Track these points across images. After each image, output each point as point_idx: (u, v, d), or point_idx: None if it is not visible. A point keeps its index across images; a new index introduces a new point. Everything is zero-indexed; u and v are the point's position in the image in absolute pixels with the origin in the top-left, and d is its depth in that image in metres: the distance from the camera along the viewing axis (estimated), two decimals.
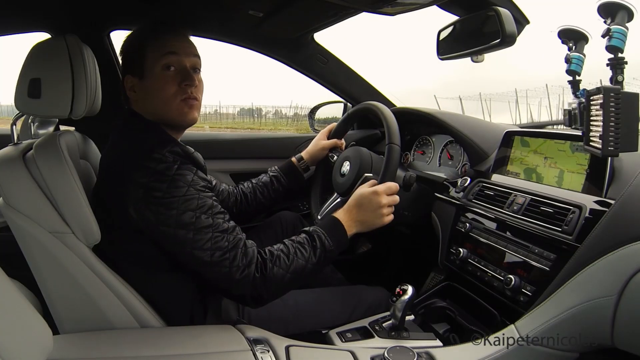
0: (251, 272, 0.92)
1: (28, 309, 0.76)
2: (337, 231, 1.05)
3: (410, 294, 0.99)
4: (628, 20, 0.87)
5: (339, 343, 1.00)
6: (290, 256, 0.97)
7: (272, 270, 0.94)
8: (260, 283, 0.93)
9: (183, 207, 0.91)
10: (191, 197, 0.92)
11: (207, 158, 1.78)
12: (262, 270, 0.94)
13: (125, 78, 1.02)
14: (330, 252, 1.02)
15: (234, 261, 0.92)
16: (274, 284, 0.95)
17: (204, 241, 0.91)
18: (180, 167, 0.93)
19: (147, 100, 1.01)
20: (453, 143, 1.54)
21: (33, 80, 0.95)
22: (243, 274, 0.92)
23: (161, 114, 1.01)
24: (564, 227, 0.92)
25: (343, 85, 1.87)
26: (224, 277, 0.92)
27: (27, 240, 0.93)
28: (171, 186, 0.91)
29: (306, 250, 0.99)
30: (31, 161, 0.94)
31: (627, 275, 0.75)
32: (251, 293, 0.94)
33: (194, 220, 0.91)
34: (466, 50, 1.20)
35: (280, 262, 0.96)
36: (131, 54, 1.02)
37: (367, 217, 1.09)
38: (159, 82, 0.99)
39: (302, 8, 1.36)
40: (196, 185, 0.93)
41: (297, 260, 0.97)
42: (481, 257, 1.11)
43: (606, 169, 0.94)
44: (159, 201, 0.90)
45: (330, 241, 1.02)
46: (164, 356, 0.84)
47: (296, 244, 1.00)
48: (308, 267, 0.99)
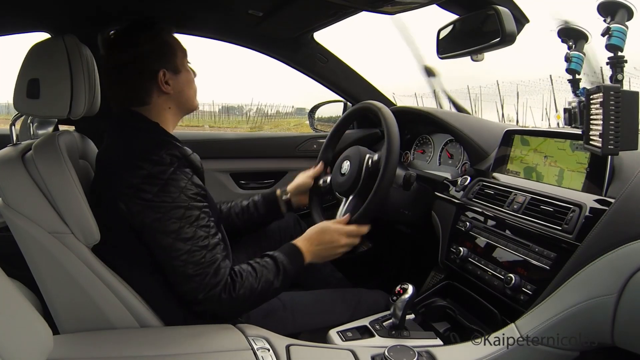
0: (217, 292, 0.94)
1: (28, 309, 0.76)
2: (298, 259, 1.08)
3: (410, 293, 0.99)
4: (628, 19, 0.87)
5: (340, 342, 1.00)
6: (257, 279, 0.99)
7: (238, 291, 0.96)
8: (226, 303, 0.95)
9: (169, 214, 0.92)
10: (180, 205, 0.93)
11: (207, 157, 1.79)
12: (230, 291, 0.95)
13: (161, 72, 1.04)
14: (290, 278, 1.05)
15: (204, 279, 0.93)
16: (239, 304, 0.97)
17: (182, 252, 0.92)
18: (176, 172, 0.94)
19: (183, 92, 1.09)
20: (453, 142, 1.54)
21: (31, 80, 0.94)
22: (209, 294, 0.94)
23: (190, 103, 1.12)
24: (564, 225, 0.92)
25: (343, 84, 1.87)
26: (191, 291, 0.94)
27: (26, 240, 0.93)
28: (162, 190, 0.92)
29: (271, 275, 1.02)
30: (30, 162, 0.94)
31: (627, 273, 0.75)
32: (212, 310, 0.97)
33: (177, 229, 0.92)
34: (466, 49, 1.20)
35: (248, 284, 0.98)
36: (164, 50, 1.05)
37: (322, 252, 1.13)
38: (190, 75, 1.11)
39: (302, 7, 1.36)
40: (188, 192, 0.95)
41: (262, 283, 1.00)
42: (481, 256, 1.11)
43: (606, 168, 0.94)
44: (146, 203, 0.92)
45: (291, 268, 1.05)
46: (165, 355, 0.84)
47: (262, 267, 1.02)
48: (270, 290, 1.01)
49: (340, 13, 1.38)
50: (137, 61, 1.02)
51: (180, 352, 0.84)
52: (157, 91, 1.04)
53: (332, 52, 1.79)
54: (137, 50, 1.02)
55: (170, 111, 1.08)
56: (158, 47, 1.04)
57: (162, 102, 1.06)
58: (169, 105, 1.07)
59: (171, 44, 1.07)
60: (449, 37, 1.27)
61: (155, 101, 1.05)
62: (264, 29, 1.58)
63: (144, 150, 0.95)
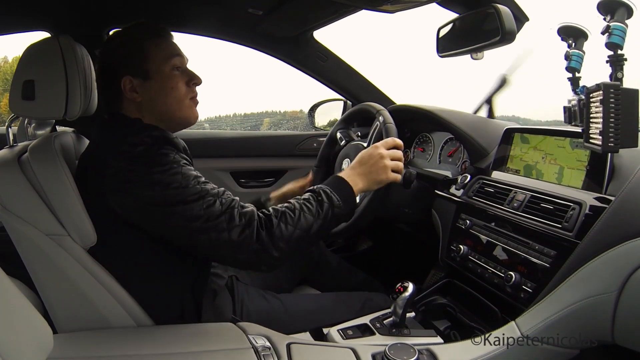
0: (253, 230, 0.87)
1: (28, 308, 0.76)
2: (343, 187, 1.00)
3: (410, 291, 0.99)
4: (627, 17, 0.87)
5: (340, 340, 1.00)
6: (296, 212, 0.92)
7: (278, 226, 0.89)
8: (267, 240, 0.88)
9: (167, 181, 0.87)
10: (174, 172, 0.89)
11: (207, 156, 1.80)
12: (267, 226, 0.89)
13: (125, 79, 0.99)
14: (338, 207, 0.97)
15: (231, 222, 0.87)
16: (282, 240, 0.89)
17: (196, 209, 0.87)
18: (159, 149, 0.91)
19: (156, 100, 1.01)
20: (453, 140, 1.54)
21: (27, 82, 0.94)
22: (244, 235, 0.87)
23: (171, 113, 1.02)
24: (564, 223, 0.93)
25: (343, 83, 1.87)
26: (224, 242, 0.87)
27: (23, 242, 0.93)
28: (153, 165, 0.88)
29: (313, 206, 0.94)
30: (26, 164, 0.94)
31: (627, 271, 0.75)
32: (257, 254, 0.88)
33: (180, 191, 0.87)
34: (466, 47, 1.20)
35: (287, 218, 0.91)
36: (131, 55, 1.00)
37: (371, 170, 1.05)
38: (171, 82, 1.00)
39: (302, 6, 1.36)
40: (178, 161, 0.91)
41: (304, 215, 0.92)
42: (481, 254, 1.11)
43: (606, 166, 0.94)
44: (138, 183, 0.88)
45: (337, 197, 0.97)
46: (165, 354, 0.84)
47: (302, 201, 0.95)
48: (317, 223, 0.93)
49: (341, 11, 1.38)
50: (104, 70, 1.01)
51: (181, 351, 0.84)
52: (125, 100, 1.00)
53: (331, 51, 1.79)
54: (104, 60, 1.02)
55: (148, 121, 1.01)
56: (125, 53, 1.00)
57: (133, 110, 1.01)
58: (142, 115, 1.01)
59: (144, 48, 0.99)
60: (448, 35, 1.27)
61: (127, 108, 1.01)
62: (263, 27, 1.58)
63: (124, 135, 0.92)
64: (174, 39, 1.06)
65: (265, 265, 0.91)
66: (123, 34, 1.03)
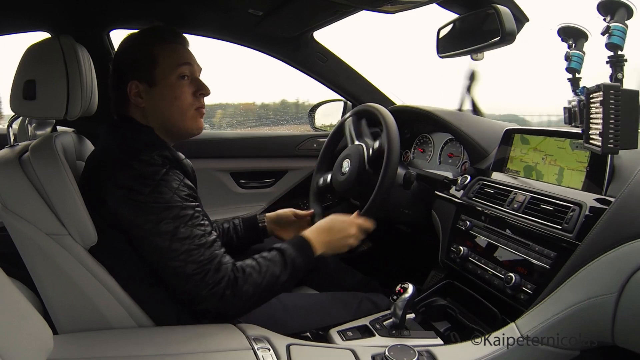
0: (220, 289, 0.91)
1: (28, 308, 0.76)
2: (307, 251, 1.05)
3: (410, 293, 0.99)
4: (627, 18, 0.87)
5: (340, 342, 1.00)
6: (261, 274, 0.96)
7: (242, 287, 0.93)
8: (229, 300, 0.93)
9: (163, 215, 0.90)
10: (173, 205, 0.91)
11: (207, 157, 1.80)
12: (234, 287, 0.93)
13: (131, 83, 0.99)
14: (299, 271, 1.02)
15: (205, 277, 0.91)
16: (243, 301, 0.95)
17: (179, 252, 0.90)
18: (168, 173, 0.92)
19: (159, 108, 1.01)
20: (453, 141, 1.54)
21: (28, 81, 0.94)
22: (212, 291, 0.91)
23: (173, 122, 1.02)
24: (564, 225, 0.92)
25: (343, 83, 1.87)
26: (192, 290, 0.91)
27: (24, 242, 0.93)
28: (154, 191, 0.90)
29: (277, 269, 0.98)
30: (27, 163, 0.94)
31: (627, 272, 0.75)
32: (216, 309, 0.94)
33: (172, 229, 0.90)
34: (466, 48, 1.20)
35: (252, 280, 0.95)
36: (140, 60, 0.99)
37: (333, 242, 1.11)
38: (175, 91, 1.00)
39: (302, 6, 1.36)
40: (181, 193, 0.93)
41: (268, 278, 0.97)
42: (481, 255, 1.11)
43: (606, 167, 0.94)
44: (139, 205, 0.90)
45: (300, 260, 1.02)
46: (166, 355, 0.84)
47: (268, 262, 0.99)
48: (277, 285, 0.98)
49: (341, 12, 1.38)
50: (115, 72, 1.02)
51: (181, 352, 0.84)
52: (131, 104, 1.01)
53: (332, 51, 1.79)
54: (116, 61, 1.02)
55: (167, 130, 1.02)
56: (134, 57, 1.00)
57: (139, 116, 1.02)
58: (147, 121, 1.01)
59: (153, 54, 0.99)
60: (449, 36, 1.27)
61: (134, 113, 1.02)
62: (264, 28, 1.58)
63: (135, 150, 0.93)
64: (188, 45, 1.05)
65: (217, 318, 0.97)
66: (136, 36, 1.03)
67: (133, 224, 0.91)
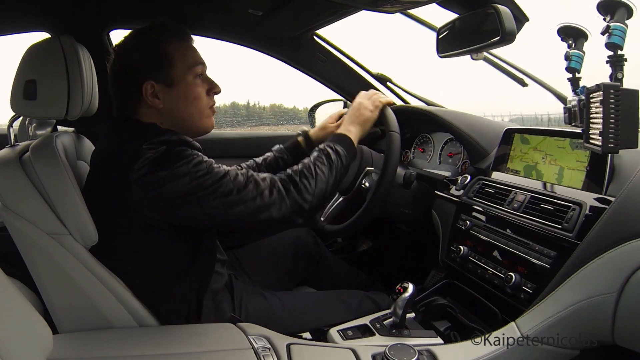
0: (280, 189, 0.96)
1: (28, 308, 0.76)
2: (343, 139, 1.12)
3: (411, 292, 0.99)
4: (627, 18, 0.87)
5: (340, 341, 1.00)
6: (311, 167, 1.02)
7: (300, 181, 0.99)
8: (296, 194, 0.97)
9: (193, 171, 0.90)
10: (196, 161, 0.92)
11: (207, 156, 1.79)
12: (292, 182, 0.98)
13: (146, 83, 0.97)
14: (343, 157, 1.08)
15: (258, 187, 0.95)
16: (308, 192, 0.99)
17: (226, 184, 0.92)
18: (179, 148, 0.92)
19: (178, 108, 1.00)
20: (453, 141, 1.54)
21: (28, 81, 0.94)
22: (274, 194, 0.95)
23: (191, 122, 1.03)
24: (564, 224, 0.93)
25: (343, 83, 1.87)
26: (259, 206, 0.94)
27: (24, 242, 0.93)
28: (175, 161, 0.90)
29: (324, 162, 1.04)
30: (28, 163, 0.94)
31: (627, 272, 0.75)
32: (291, 208, 0.97)
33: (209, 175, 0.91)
34: (465, 48, 1.20)
35: (305, 174, 1.00)
36: (154, 60, 0.98)
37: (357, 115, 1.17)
38: (194, 90, 1.01)
39: (302, 6, 1.36)
40: (197, 153, 0.94)
41: (318, 169, 1.02)
42: (482, 254, 1.11)
43: (606, 166, 0.94)
44: (166, 182, 0.89)
45: (341, 148, 1.08)
46: (166, 355, 0.84)
47: (313, 159, 1.04)
48: (331, 174, 1.04)
49: (340, 12, 1.39)
50: (124, 70, 0.99)
51: (181, 352, 0.84)
52: (144, 104, 0.99)
53: (332, 51, 1.79)
54: (125, 59, 0.99)
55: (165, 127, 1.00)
56: (149, 56, 0.97)
57: (152, 116, 0.99)
58: (160, 121, 1.00)
59: (169, 54, 0.98)
60: (448, 36, 1.26)
61: (145, 114, 0.99)
62: (264, 28, 1.58)
63: (143, 140, 0.91)
64: (194, 42, 1.05)
65: (301, 217, 1.00)
66: (145, 34, 1.00)
67: (175, 202, 0.91)
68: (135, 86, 0.98)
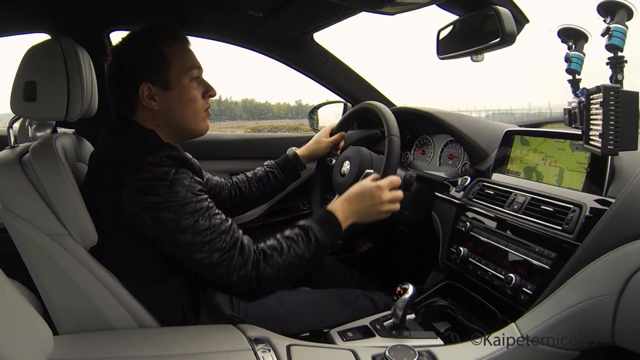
0: (248, 271, 0.93)
1: (28, 309, 0.76)
2: (332, 226, 1.03)
3: (411, 293, 0.99)
4: (628, 19, 0.87)
5: (340, 342, 1.00)
6: (283, 255, 0.96)
7: (264, 270, 0.94)
8: (255, 284, 0.94)
9: (182, 212, 0.90)
10: (189, 200, 0.91)
11: (207, 158, 1.79)
12: (257, 270, 0.94)
13: (143, 85, 0.97)
14: (324, 247, 1.01)
15: (232, 262, 0.92)
16: (267, 283, 0.95)
17: (203, 244, 0.91)
18: (177, 172, 0.92)
19: (174, 110, 1.01)
20: (453, 142, 1.54)
21: (28, 83, 0.94)
22: (240, 274, 0.92)
23: (187, 125, 1.03)
24: (565, 225, 0.93)
25: (343, 85, 1.87)
26: (222, 277, 0.92)
27: (24, 242, 0.93)
28: (169, 191, 0.90)
29: (299, 248, 0.98)
30: (27, 164, 0.94)
31: (627, 273, 0.75)
32: (248, 291, 0.95)
33: (192, 223, 0.90)
34: (466, 49, 1.20)
35: (273, 262, 0.95)
36: (151, 62, 0.98)
37: (366, 210, 1.08)
38: (190, 93, 1.01)
39: (302, 8, 1.36)
40: (194, 189, 0.93)
41: (290, 258, 0.97)
42: (482, 256, 1.11)
43: (606, 168, 0.94)
44: (156, 206, 0.89)
45: (325, 236, 1.01)
46: (166, 356, 0.84)
47: (290, 241, 0.98)
48: (301, 264, 0.98)
49: (341, 13, 1.39)
50: (121, 72, 0.99)
51: (181, 352, 0.84)
52: (141, 106, 0.99)
53: (332, 53, 1.79)
54: (122, 61, 0.99)
55: (161, 130, 1.01)
56: (146, 58, 0.98)
57: (148, 118, 1.00)
58: (157, 123, 1.01)
59: (166, 56, 0.98)
60: (448, 37, 1.27)
61: (142, 116, 1.00)
62: (264, 29, 1.58)
63: (142, 153, 0.92)
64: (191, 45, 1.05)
65: (250, 299, 0.98)
66: (142, 36, 1.01)
67: (154, 226, 0.90)
68: (132, 88, 0.98)
